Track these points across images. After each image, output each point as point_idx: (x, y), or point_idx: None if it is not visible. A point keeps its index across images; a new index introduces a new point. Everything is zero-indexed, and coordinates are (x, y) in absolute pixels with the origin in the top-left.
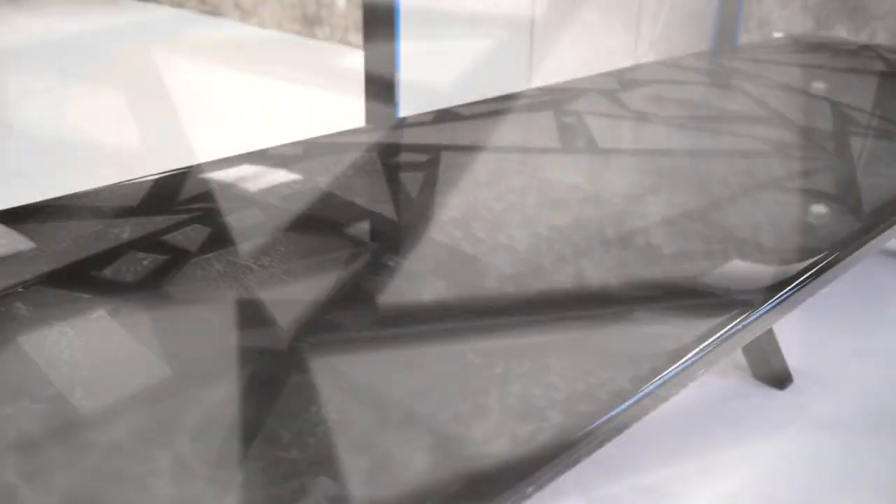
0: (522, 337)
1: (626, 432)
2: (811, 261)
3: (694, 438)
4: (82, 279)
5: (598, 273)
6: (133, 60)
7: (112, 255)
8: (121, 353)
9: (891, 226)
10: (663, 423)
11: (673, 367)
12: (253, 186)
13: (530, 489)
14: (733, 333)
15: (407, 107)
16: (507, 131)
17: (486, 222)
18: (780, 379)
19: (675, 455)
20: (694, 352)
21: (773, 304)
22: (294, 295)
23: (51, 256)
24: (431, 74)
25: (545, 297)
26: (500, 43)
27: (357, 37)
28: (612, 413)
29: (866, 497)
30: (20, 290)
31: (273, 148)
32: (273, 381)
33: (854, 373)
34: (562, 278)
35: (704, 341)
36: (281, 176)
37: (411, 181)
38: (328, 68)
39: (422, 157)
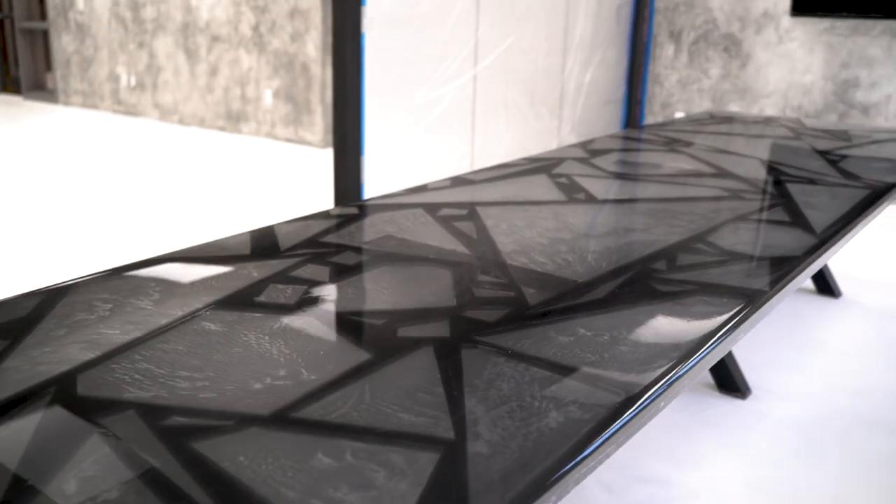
0: (612, 319)
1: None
2: (757, 294)
3: (680, 440)
4: (245, 304)
5: (633, 279)
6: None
7: (257, 287)
8: (319, 346)
9: (810, 264)
10: (653, 430)
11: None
12: (335, 236)
13: (662, 404)
14: (716, 343)
15: (371, 189)
16: (517, 190)
17: (541, 252)
18: (741, 391)
19: (667, 453)
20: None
21: (733, 328)
22: (428, 304)
23: (206, 291)
24: (390, 159)
25: (613, 294)
26: (448, 129)
27: (285, 131)
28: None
29: (828, 479)
30: (200, 313)
31: (332, 209)
32: (453, 353)
33: (800, 384)
34: (617, 283)
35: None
36: (354, 228)
37: (464, 227)
38: (272, 162)
39: (463, 211)
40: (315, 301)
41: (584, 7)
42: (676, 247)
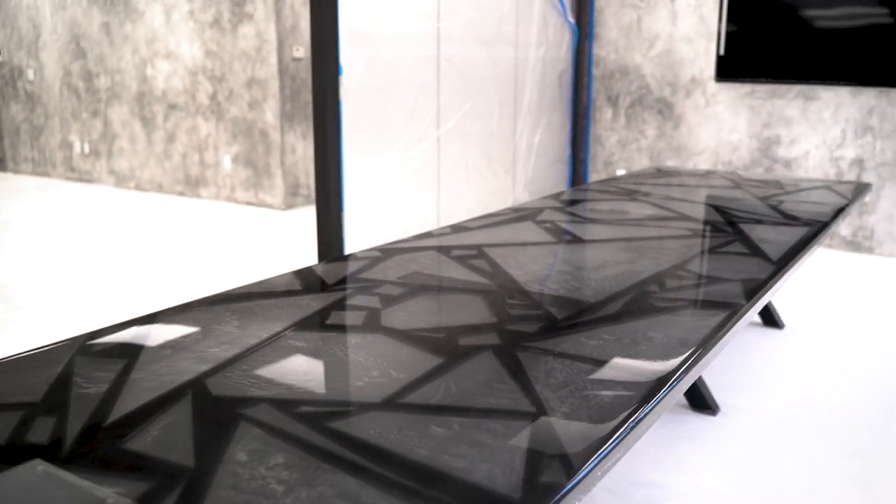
0: (628, 327)
1: None
2: (720, 323)
3: (666, 451)
4: (319, 326)
5: (635, 298)
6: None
7: (322, 313)
8: (396, 354)
9: (774, 283)
10: (642, 444)
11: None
12: (370, 274)
13: (682, 395)
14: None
15: (350, 245)
16: (512, 235)
17: (552, 281)
18: (712, 408)
19: (657, 462)
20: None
21: (701, 356)
22: (474, 321)
23: (278, 318)
24: (366, 216)
25: (622, 310)
26: (417, 187)
27: (245, 194)
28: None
29: (794, 474)
30: (283, 334)
31: (358, 252)
32: (510, 355)
33: (760, 401)
34: (623, 302)
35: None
36: (383, 267)
37: (479, 265)
38: (236, 224)
39: (472, 251)
40: (377, 322)
41: (530, 75)
42: (662, 274)
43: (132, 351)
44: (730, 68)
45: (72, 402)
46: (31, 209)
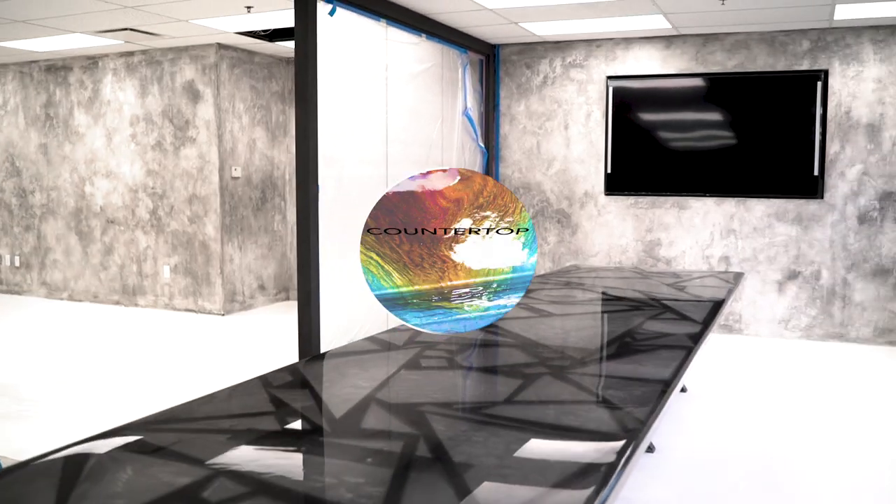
0: (626, 360)
1: None
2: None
3: (623, 477)
4: (419, 367)
5: (621, 346)
6: None
7: (415, 360)
8: (485, 379)
9: (705, 335)
10: None
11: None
12: (423, 339)
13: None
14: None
15: (325, 339)
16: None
17: (556, 339)
18: (649, 448)
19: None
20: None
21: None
22: (523, 361)
23: (385, 365)
24: (340, 317)
25: (616, 351)
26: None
27: (184, 301)
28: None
29: (721, 486)
30: (398, 373)
31: (398, 327)
32: (563, 378)
33: (683, 442)
34: (614, 347)
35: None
36: (427, 335)
37: (496, 331)
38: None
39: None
40: (457, 363)
41: None
42: (629, 332)
43: (303, 384)
44: (616, 184)
45: (300, 410)
46: None
